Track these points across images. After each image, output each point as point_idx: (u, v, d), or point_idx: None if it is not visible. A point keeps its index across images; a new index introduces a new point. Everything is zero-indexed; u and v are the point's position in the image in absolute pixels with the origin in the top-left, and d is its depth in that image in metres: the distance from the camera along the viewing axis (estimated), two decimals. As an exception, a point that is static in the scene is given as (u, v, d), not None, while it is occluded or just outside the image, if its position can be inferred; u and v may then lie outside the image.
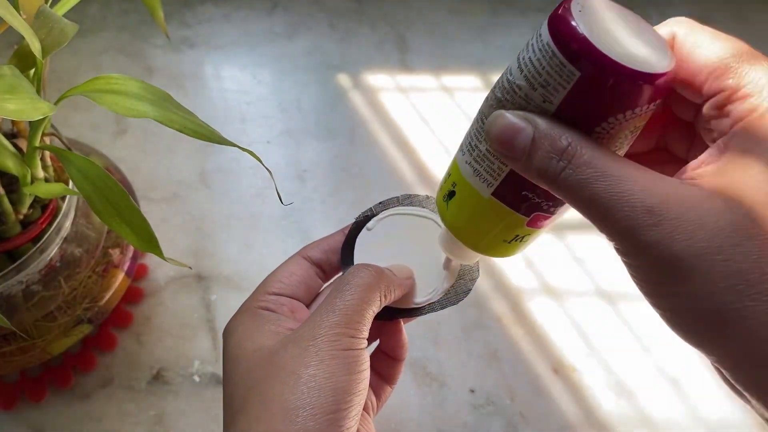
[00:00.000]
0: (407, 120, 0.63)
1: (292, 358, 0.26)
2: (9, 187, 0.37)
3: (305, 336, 0.27)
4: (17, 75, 0.29)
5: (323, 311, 0.27)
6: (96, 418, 0.47)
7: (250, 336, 0.29)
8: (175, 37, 0.68)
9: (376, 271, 0.29)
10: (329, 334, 0.26)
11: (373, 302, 0.28)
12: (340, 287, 0.29)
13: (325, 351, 0.26)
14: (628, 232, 0.20)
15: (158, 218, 0.56)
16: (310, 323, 0.27)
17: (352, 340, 0.27)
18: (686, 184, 0.21)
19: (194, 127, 0.32)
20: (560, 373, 0.50)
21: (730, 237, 0.19)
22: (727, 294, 0.19)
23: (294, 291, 0.31)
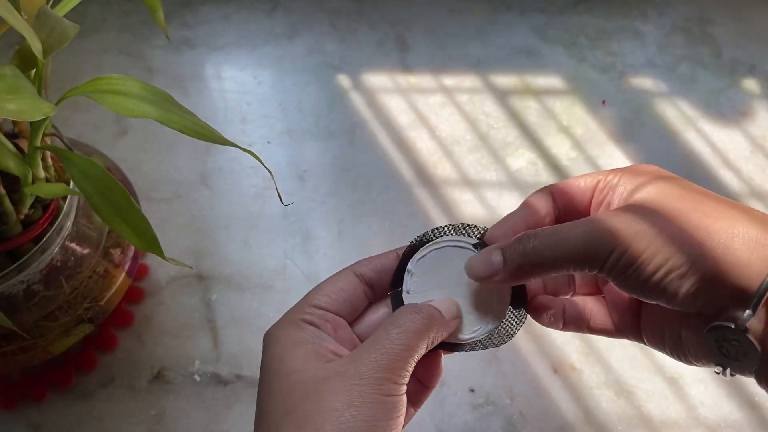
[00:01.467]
0: (407, 120, 0.63)
1: (335, 393, 0.26)
2: (10, 187, 0.37)
3: (351, 374, 0.27)
4: (18, 75, 0.29)
5: (371, 351, 0.28)
6: (97, 417, 0.47)
7: (292, 351, 0.29)
8: (176, 37, 0.68)
9: (428, 318, 0.30)
10: (374, 377, 0.27)
11: (419, 349, 0.29)
12: (390, 328, 0.29)
13: (369, 394, 0.26)
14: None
15: (159, 218, 0.56)
16: (357, 361, 0.28)
17: (395, 387, 0.27)
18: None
19: (195, 127, 0.32)
20: (560, 373, 0.50)
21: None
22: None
23: (339, 308, 0.31)
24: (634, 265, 0.27)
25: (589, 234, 0.28)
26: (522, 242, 0.29)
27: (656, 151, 0.63)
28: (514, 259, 0.29)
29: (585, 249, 0.28)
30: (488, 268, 0.30)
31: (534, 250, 0.29)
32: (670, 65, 0.69)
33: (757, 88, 0.68)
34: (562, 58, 0.69)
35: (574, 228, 0.28)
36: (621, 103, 0.66)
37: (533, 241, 0.29)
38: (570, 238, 0.28)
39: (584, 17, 0.72)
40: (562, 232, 0.29)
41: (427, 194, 0.59)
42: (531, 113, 0.65)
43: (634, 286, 0.28)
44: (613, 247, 0.27)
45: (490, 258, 0.30)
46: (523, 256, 0.29)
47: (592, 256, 0.28)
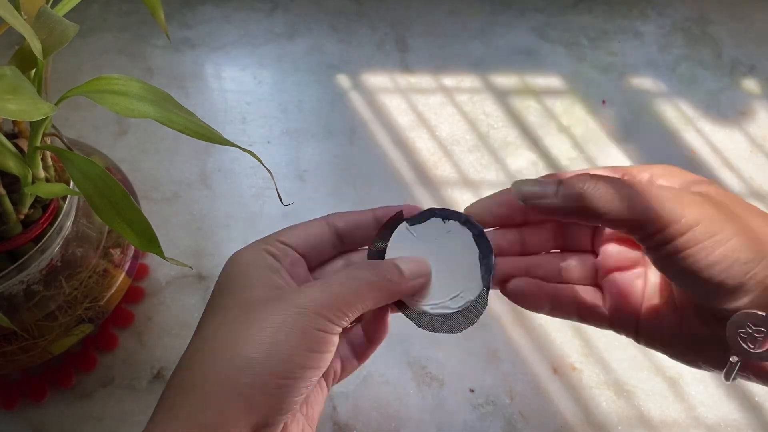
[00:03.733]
0: (407, 120, 0.63)
1: (271, 315, 0.27)
2: (10, 187, 0.37)
3: (290, 301, 0.28)
4: (18, 75, 0.29)
5: (318, 287, 0.29)
6: (97, 417, 0.47)
7: (246, 272, 0.30)
8: (176, 37, 0.68)
9: (385, 277, 0.30)
10: (310, 308, 0.27)
11: (365, 301, 0.29)
12: (343, 274, 0.30)
13: (300, 322, 0.27)
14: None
15: (159, 218, 0.56)
16: (300, 292, 0.28)
17: (328, 324, 0.28)
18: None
19: (195, 127, 0.32)
20: (559, 373, 0.50)
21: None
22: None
23: (302, 248, 0.32)
24: (698, 247, 0.26)
25: (656, 194, 0.27)
26: (585, 181, 0.28)
27: (656, 151, 0.63)
28: (573, 188, 0.28)
29: (644, 211, 0.27)
30: (539, 189, 0.29)
31: (598, 191, 0.28)
32: (670, 65, 0.69)
33: (757, 88, 0.68)
34: (562, 58, 0.69)
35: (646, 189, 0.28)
36: (621, 103, 0.66)
37: (599, 183, 0.28)
38: (639, 197, 0.27)
39: (584, 17, 0.72)
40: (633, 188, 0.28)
41: (427, 194, 0.59)
42: (531, 113, 0.65)
43: (682, 270, 0.27)
44: (679, 217, 0.27)
45: (544, 182, 0.29)
46: (583, 191, 0.28)
47: (653, 218, 0.27)
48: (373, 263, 0.31)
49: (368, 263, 0.31)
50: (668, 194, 0.28)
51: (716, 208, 0.27)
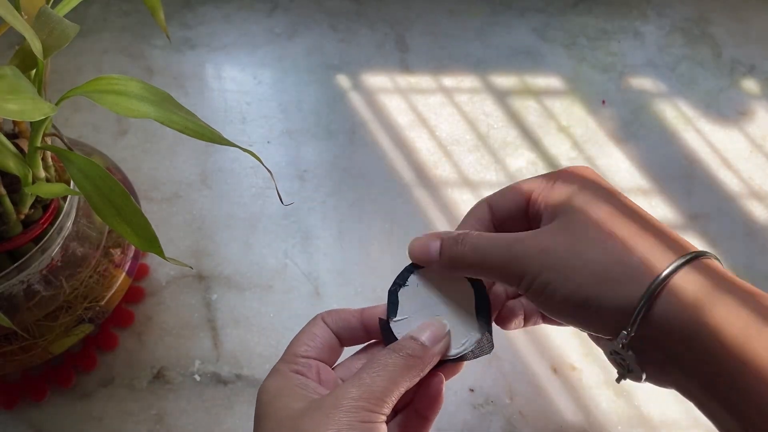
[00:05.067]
0: (407, 120, 0.64)
1: (314, 422, 0.28)
2: (10, 187, 0.37)
3: (328, 404, 0.29)
4: (18, 75, 0.29)
5: (351, 384, 0.29)
6: (97, 417, 0.47)
7: (280, 396, 0.31)
8: (176, 37, 0.68)
9: (408, 356, 0.31)
10: (350, 405, 0.28)
11: (401, 385, 0.30)
12: (370, 366, 0.30)
13: (344, 420, 0.28)
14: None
15: (159, 218, 0.56)
16: (336, 393, 0.29)
17: (373, 415, 0.29)
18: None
19: (195, 127, 0.32)
20: (559, 373, 0.50)
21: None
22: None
23: (319, 353, 0.34)
24: (543, 293, 0.29)
25: (506, 255, 0.31)
26: (457, 244, 0.32)
27: (656, 151, 0.63)
28: (447, 254, 0.33)
29: (502, 268, 0.31)
30: (425, 254, 0.34)
31: (463, 256, 0.32)
32: (670, 65, 0.69)
33: (757, 88, 0.68)
34: (562, 58, 0.69)
35: (499, 245, 0.31)
36: (621, 103, 0.66)
37: (465, 246, 0.32)
38: (493, 255, 0.31)
39: (584, 17, 0.72)
40: (489, 245, 0.31)
41: (426, 194, 0.59)
42: (531, 113, 0.65)
43: (546, 311, 0.30)
44: (524, 273, 0.30)
45: (428, 244, 0.34)
46: (453, 257, 0.32)
47: (507, 276, 0.31)
48: (395, 345, 0.32)
49: (387, 351, 0.31)
50: (518, 248, 0.30)
51: (557, 251, 0.29)
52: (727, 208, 0.60)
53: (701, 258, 0.28)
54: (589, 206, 0.30)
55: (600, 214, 0.30)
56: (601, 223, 0.30)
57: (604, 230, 0.29)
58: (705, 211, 0.59)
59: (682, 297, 0.27)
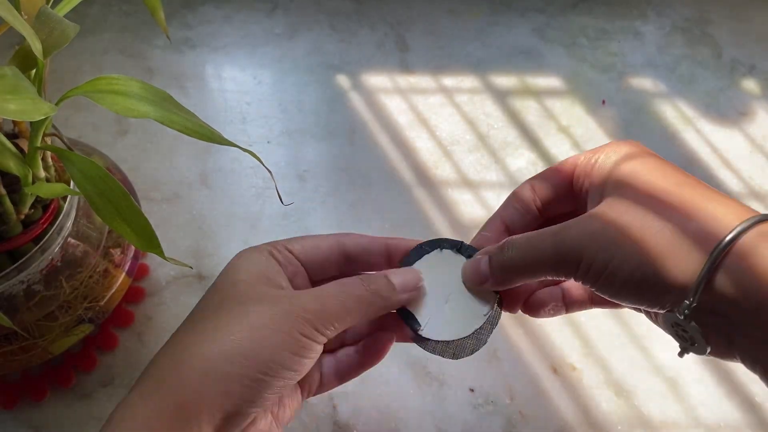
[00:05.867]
0: (407, 120, 0.64)
1: (262, 312, 0.29)
2: (10, 187, 0.37)
3: (282, 304, 0.29)
4: (18, 75, 0.29)
5: (309, 295, 0.30)
6: (97, 417, 0.47)
7: (248, 268, 0.31)
8: (176, 37, 0.68)
9: (373, 292, 0.31)
10: (299, 316, 0.29)
11: (354, 317, 0.30)
12: (342, 287, 0.30)
13: (286, 325, 0.28)
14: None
15: (159, 218, 0.56)
16: (293, 297, 0.30)
17: (314, 332, 0.29)
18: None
19: (195, 127, 0.32)
20: (559, 373, 0.50)
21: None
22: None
23: (308, 260, 0.33)
24: (602, 276, 0.28)
25: (557, 245, 0.30)
26: (503, 252, 0.32)
27: (656, 151, 0.63)
28: (497, 268, 0.32)
29: (555, 260, 0.30)
30: (478, 276, 0.33)
31: (512, 261, 0.31)
32: (669, 65, 0.69)
33: (757, 88, 0.68)
34: (562, 59, 0.69)
35: (545, 239, 0.30)
36: (621, 103, 0.66)
37: (511, 251, 0.31)
38: (542, 249, 0.30)
39: (584, 17, 0.72)
40: (535, 241, 0.30)
41: (426, 194, 0.59)
42: (531, 113, 0.65)
43: (607, 294, 0.29)
44: (580, 259, 0.29)
45: (479, 266, 0.33)
46: (504, 266, 0.31)
47: (562, 266, 0.30)
48: (365, 276, 0.31)
49: (360, 277, 0.32)
50: (567, 237, 0.29)
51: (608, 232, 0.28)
52: (727, 208, 0.59)
53: (765, 222, 0.26)
54: (636, 177, 0.29)
55: (650, 183, 0.29)
56: (653, 192, 0.29)
57: (656, 200, 0.28)
58: (705, 211, 0.59)
59: (749, 263, 0.25)
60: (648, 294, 0.28)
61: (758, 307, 0.25)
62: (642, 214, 0.28)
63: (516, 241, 0.31)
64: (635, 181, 0.29)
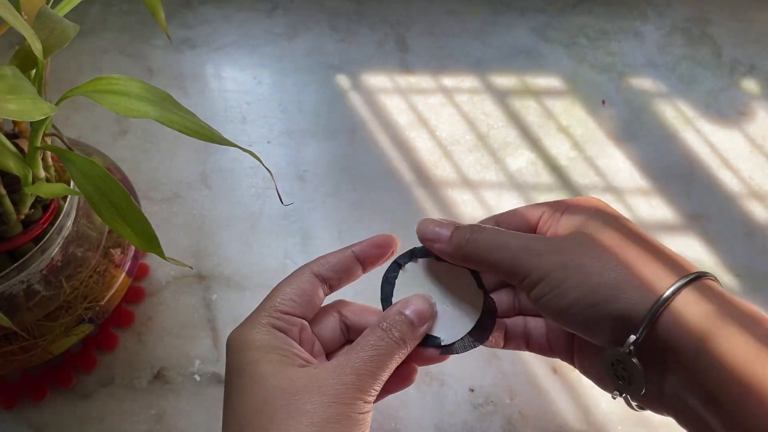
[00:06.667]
0: (407, 120, 0.64)
1: (315, 409, 0.28)
2: (10, 187, 0.37)
3: (329, 391, 0.28)
4: (18, 76, 0.29)
5: (347, 371, 0.29)
6: (97, 417, 0.47)
7: (266, 357, 0.30)
8: (176, 37, 0.68)
9: (398, 339, 0.31)
10: (350, 396, 0.29)
11: (388, 371, 0.31)
12: (366, 350, 0.30)
13: (345, 413, 0.28)
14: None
15: (159, 218, 0.56)
16: (334, 377, 0.29)
17: (366, 405, 0.29)
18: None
19: (195, 127, 0.32)
20: (560, 373, 0.50)
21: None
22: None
23: (303, 311, 0.33)
24: (553, 292, 0.29)
25: (522, 248, 0.31)
26: (473, 229, 0.32)
27: (656, 151, 0.63)
28: (459, 237, 0.32)
29: (515, 259, 0.31)
30: (434, 234, 0.33)
31: (476, 242, 0.32)
32: (670, 65, 0.69)
33: (757, 88, 0.68)
34: (562, 58, 0.69)
35: (514, 238, 0.31)
36: (621, 103, 0.66)
37: (481, 234, 0.32)
38: (507, 247, 0.31)
39: (584, 17, 0.72)
40: (505, 238, 0.32)
41: (426, 194, 0.59)
42: (531, 113, 0.65)
43: (551, 312, 0.30)
44: (537, 267, 0.30)
45: (440, 226, 0.33)
46: (466, 241, 0.32)
47: (519, 267, 0.30)
48: (384, 325, 0.31)
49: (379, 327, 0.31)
50: (535, 246, 0.31)
51: (573, 256, 0.30)
52: (727, 208, 0.59)
53: (705, 278, 0.29)
54: (598, 233, 0.31)
55: (612, 233, 0.31)
56: (613, 241, 0.30)
57: (615, 247, 0.30)
58: (705, 211, 0.59)
59: (690, 311, 0.27)
60: (593, 321, 0.29)
61: (695, 351, 0.27)
62: (600, 251, 0.30)
63: (488, 229, 0.32)
64: (597, 235, 0.31)
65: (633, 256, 0.30)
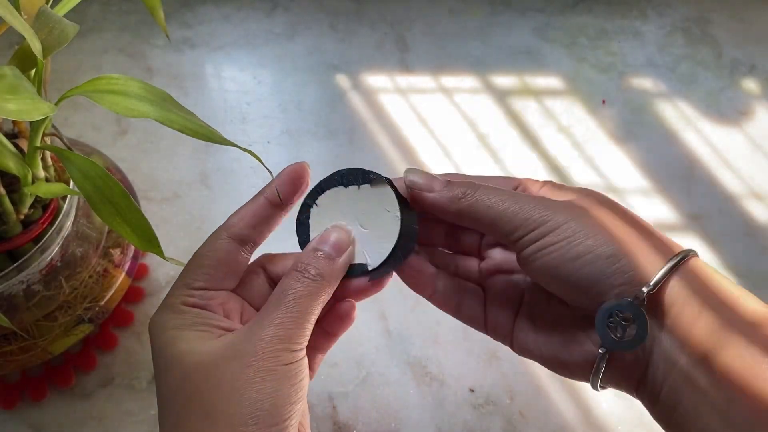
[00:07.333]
0: (406, 120, 0.63)
1: (234, 373, 0.26)
2: (10, 187, 0.37)
3: (246, 351, 0.27)
4: (18, 75, 0.29)
5: (264, 324, 0.27)
6: (96, 417, 0.47)
7: (180, 335, 0.28)
8: (176, 37, 0.68)
9: (317, 276, 0.29)
10: (270, 349, 0.27)
11: (315, 312, 0.29)
12: (280, 298, 0.28)
13: (267, 368, 0.26)
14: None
15: (159, 218, 0.56)
16: (251, 337, 0.27)
17: (293, 354, 0.27)
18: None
19: (194, 127, 0.32)
20: (560, 373, 0.50)
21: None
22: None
23: (222, 282, 0.31)
24: (563, 242, 0.28)
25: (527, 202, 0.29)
26: (469, 185, 0.30)
27: (656, 151, 0.63)
28: (455, 191, 0.30)
29: (514, 216, 0.29)
30: (426, 182, 0.31)
31: (474, 197, 0.30)
32: (670, 65, 0.69)
33: (757, 88, 0.68)
34: (562, 58, 0.69)
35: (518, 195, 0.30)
36: (621, 103, 0.66)
37: (477, 189, 0.30)
38: (513, 200, 0.30)
39: (584, 17, 0.72)
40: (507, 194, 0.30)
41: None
42: (531, 113, 0.65)
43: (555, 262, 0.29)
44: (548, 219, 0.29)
45: (434, 177, 0.31)
46: (463, 194, 0.30)
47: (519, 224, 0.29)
48: (299, 265, 0.30)
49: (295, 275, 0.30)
50: (541, 202, 0.29)
51: (584, 211, 0.29)
52: (727, 208, 0.59)
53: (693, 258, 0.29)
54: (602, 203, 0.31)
55: (615, 209, 0.30)
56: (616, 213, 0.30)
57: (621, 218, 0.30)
58: (705, 211, 0.59)
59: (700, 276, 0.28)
60: (604, 272, 0.28)
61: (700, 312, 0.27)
62: (611, 214, 0.30)
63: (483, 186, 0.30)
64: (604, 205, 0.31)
65: (640, 226, 0.30)
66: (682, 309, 0.27)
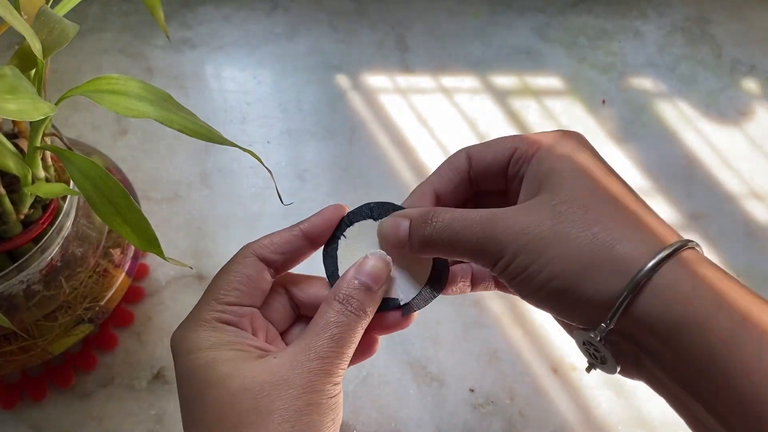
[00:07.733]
0: (406, 120, 0.63)
1: (284, 403, 0.27)
2: (10, 187, 0.37)
3: (294, 382, 0.27)
4: (18, 75, 0.29)
5: (311, 356, 0.28)
6: (96, 417, 0.47)
7: (219, 356, 0.28)
8: (176, 37, 0.68)
9: (356, 309, 0.29)
10: (318, 382, 0.27)
11: (354, 346, 0.29)
12: (326, 329, 0.28)
13: (316, 401, 0.27)
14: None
15: (159, 218, 0.56)
16: (296, 365, 0.27)
17: (335, 387, 0.28)
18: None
19: (194, 127, 0.32)
20: (559, 373, 0.50)
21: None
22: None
23: (251, 299, 0.31)
24: (519, 277, 0.28)
25: (482, 236, 0.28)
26: (427, 222, 0.30)
27: (656, 151, 0.63)
28: (416, 235, 0.30)
29: (476, 249, 0.28)
30: (396, 240, 0.31)
31: (432, 237, 0.30)
32: (670, 65, 0.69)
33: (757, 88, 0.68)
34: (562, 58, 0.69)
35: (472, 226, 0.29)
36: (621, 103, 0.66)
37: (435, 225, 0.30)
38: (466, 236, 0.29)
39: (584, 17, 0.72)
40: (459, 226, 0.29)
41: (427, 194, 0.59)
42: (531, 113, 0.65)
43: (521, 295, 0.29)
44: (501, 255, 0.28)
45: (398, 230, 0.31)
46: (424, 239, 0.30)
47: (482, 257, 0.29)
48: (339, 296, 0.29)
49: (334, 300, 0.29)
50: (496, 227, 0.28)
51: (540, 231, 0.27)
52: (727, 208, 0.59)
53: (685, 248, 0.26)
54: (575, 182, 0.28)
55: (586, 193, 0.28)
56: (587, 205, 0.28)
57: (589, 214, 0.27)
58: (705, 211, 0.59)
59: (666, 293, 0.25)
60: (562, 305, 0.27)
61: (670, 336, 0.25)
62: (572, 222, 0.27)
63: (442, 217, 0.30)
64: (573, 185, 0.28)
65: (608, 221, 0.27)
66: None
